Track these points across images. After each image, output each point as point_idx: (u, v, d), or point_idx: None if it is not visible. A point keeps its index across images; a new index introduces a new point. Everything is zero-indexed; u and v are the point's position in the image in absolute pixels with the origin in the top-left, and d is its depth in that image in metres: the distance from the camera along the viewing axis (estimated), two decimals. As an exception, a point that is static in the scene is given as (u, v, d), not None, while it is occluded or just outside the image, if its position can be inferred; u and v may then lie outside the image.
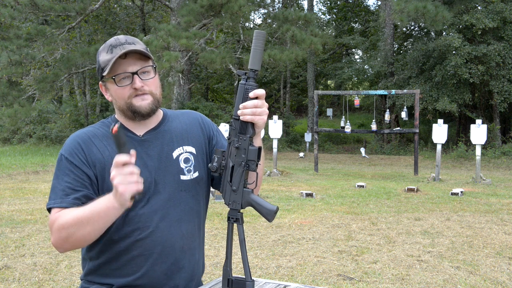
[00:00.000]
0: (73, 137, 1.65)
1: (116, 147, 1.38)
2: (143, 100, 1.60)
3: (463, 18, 17.66)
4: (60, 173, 1.59)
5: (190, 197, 1.69)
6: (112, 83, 1.59)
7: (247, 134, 1.49)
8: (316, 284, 3.85)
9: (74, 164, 1.58)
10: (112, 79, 1.57)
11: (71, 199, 1.55)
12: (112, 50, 1.56)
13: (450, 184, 10.54)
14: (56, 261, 4.40)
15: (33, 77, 15.89)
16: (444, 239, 5.34)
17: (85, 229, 1.49)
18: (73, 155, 1.59)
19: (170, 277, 1.64)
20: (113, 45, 1.57)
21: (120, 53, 1.53)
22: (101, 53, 1.60)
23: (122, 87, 1.58)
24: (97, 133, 1.65)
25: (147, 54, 1.58)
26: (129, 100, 1.59)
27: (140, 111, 1.60)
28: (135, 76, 1.57)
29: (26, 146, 22.23)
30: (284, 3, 28.13)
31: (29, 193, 8.59)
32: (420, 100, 17.70)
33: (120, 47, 1.56)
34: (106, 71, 1.56)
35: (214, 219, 6.31)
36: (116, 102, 1.63)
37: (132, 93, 1.58)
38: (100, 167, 1.59)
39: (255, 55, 1.48)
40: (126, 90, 1.58)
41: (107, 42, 1.60)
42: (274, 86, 31.40)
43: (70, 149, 1.61)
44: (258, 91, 1.49)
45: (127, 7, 25.60)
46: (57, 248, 1.56)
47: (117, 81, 1.57)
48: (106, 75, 1.58)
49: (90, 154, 1.60)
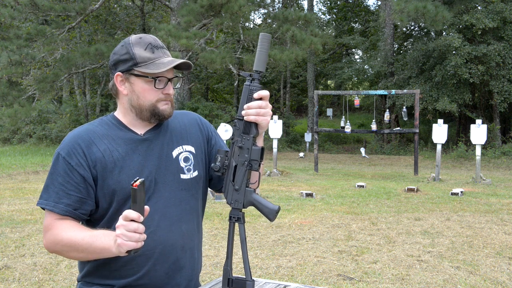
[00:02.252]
0: (73, 136, 1.62)
1: (132, 201, 1.37)
2: (167, 105, 1.64)
3: (463, 18, 17.66)
4: (55, 172, 1.58)
5: (190, 196, 1.70)
6: (143, 81, 1.59)
7: (250, 134, 1.50)
8: (316, 284, 3.85)
9: (71, 165, 1.57)
10: (152, 79, 1.58)
11: (64, 205, 1.56)
12: (153, 51, 1.58)
13: (450, 184, 10.54)
14: (56, 261, 4.40)
15: (33, 77, 15.89)
16: (444, 239, 5.34)
17: (78, 254, 1.55)
18: (71, 156, 1.58)
19: (171, 277, 1.64)
20: (153, 45, 1.59)
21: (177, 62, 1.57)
22: (135, 46, 1.58)
23: (155, 89, 1.60)
24: (97, 132, 1.64)
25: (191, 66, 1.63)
26: (156, 102, 1.61)
27: (163, 115, 1.63)
28: (170, 83, 1.62)
29: (26, 146, 22.23)
30: (284, 3, 28.13)
31: (29, 193, 8.59)
32: (420, 100, 17.71)
33: (162, 50, 1.60)
34: (149, 68, 1.56)
35: (214, 219, 6.31)
36: (136, 99, 1.62)
37: (161, 98, 1.61)
38: (100, 167, 1.58)
39: (260, 57, 1.51)
40: (158, 92, 1.60)
41: (143, 38, 1.60)
42: (274, 86, 31.41)
43: (68, 148, 1.59)
44: (263, 92, 1.51)
45: (127, 7, 25.59)
46: (47, 249, 1.62)
47: (156, 82, 1.59)
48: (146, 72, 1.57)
49: (91, 154, 1.58)
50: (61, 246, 1.55)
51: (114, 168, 1.58)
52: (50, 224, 1.57)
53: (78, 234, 1.52)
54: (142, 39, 1.60)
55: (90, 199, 1.59)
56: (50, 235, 1.57)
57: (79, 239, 1.51)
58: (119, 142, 1.63)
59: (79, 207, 1.57)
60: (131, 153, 1.62)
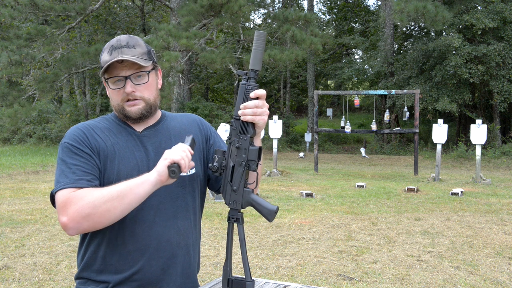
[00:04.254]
0: (75, 127, 1.65)
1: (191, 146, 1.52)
2: (134, 105, 1.62)
3: (463, 18, 17.65)
4: (67, 158, 1.55)
5: (187, 193, 1.70)
6: (107, 84, 1.63)
7: (247, 134, 1.49)
8: (316, 284, 3.85)
9: (81, 150, 1.57)
10: (106, 81, 1.62)
11: (85, 180, 1.51)
12: (111, 52, 1.59)
13: (450, 184, 10.54)
14: (56, 261, 4.40)
15: (33, 77, 15.88)
16: (444, 239, 5.34)
17: (114, 204, 1.45)
18: (79, 142, 1.58)
19: (166, 272, 1.64)
20: (114, 46, 1.60)
21: (116, 59, 1.56)
22: (103, 52, 1.63)
23: (115, 89, 1.61)
24: (99, 125, 1.68)
25: (138, 63, 1.58)
26: (122, 103, 1.63)
27: (130, 116, 1.64)
28: (127, 81, 1.60)
29: (26, 146, 22.23)
30: (284, 3, 28.12)
31: (29, 193, 8.59)
32: (420, 100, 17.71)
33: (119, 50, 1.58)
34: (101, 71, 1.61)
35: (214, 219, 6.31)
36: (111, 101, 1.67)
37: (125, 97, 1.62)
38: (103, 156, 1.60)
39: (256, 55, 1.49)
40: (120, 93, 1.62)
41: (110, 41, 1.63)
42: (274, 86, 31.40)
43: (74, 136, 1.60)
44: (259, 91, 1.49)
45: (127, 7, 25.60)
46: (70, 228, 1.46)
47: (111, 83, 1.61)
48: (101, 76, 1.63)
49: (94, 142, 1.61)
50: (92, 207, 1.44)
51: (114, 158, 1.61)
52: (69, 197, 1.47)
53: (106, 188, 1.48)
54: (110, 42, 1.63)
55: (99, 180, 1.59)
56: (74, 205, 1.45)
57: (110, 188, 1.47)
58: (119, 136, 1.66)
59: (97, 184, 1.55)
60: (131, 146, 1.65)
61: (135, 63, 1.59)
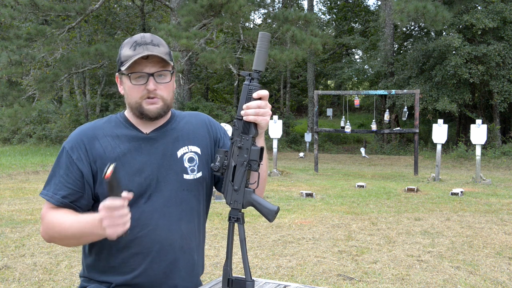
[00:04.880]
0: (79, 131, 1.68)
1: (108, 191, 1.37)
2: (153, 104, 1.61)
3: (463, 18, 17.66)
4: (59, 164, 1.65)
5: (192, 196, 1.69)
6: (127, 79, 1.60)
7: (249, 134, 1.50)
8: (316, 284, 3.85)
9: (72, 159, 1.62)
10: (127, 76, 1.59)
11: (60, 197, 1.60)
12: (135, 48, 1.57)
13: (450, 184, 10.54)
14: (56, 261, 4.40)
15: (33, 77, 15.87)
16: (444, 239, 5.34)
17: (68, 240, 1.59)
18: (74, 150, 1.63)
19: (168, 276, 1.64)
20: (138, 42, 1.58)
21: (142, 54, 1.55)
22: (124, 47, 1.61)
23: (136, 85, 1.59)
24: (102, 128, 1.68)
25: (167, 60, 1.59)
26: (140, 100, 1.61)
27: (147, 114, 1.62)
28: (151, 78, 1.58)
29: (26, 146, 22.23)
30: (284, 3, 28.13)
31: (29, 193, 8.59)
32: (420, 100, 17.70)
33: (144, 46, 1.57)
34: (125, 66, 1.57)
35: (214, 219, 6.31)
36: (127, 98, 1.65)
37: (144, 95, 1.60)
38: (100, 163, 1.61)
39: (259, 56, 1.50)
40: (140, 89, 1.60)
41: (133, 37, 1.61)
42: (274, 86, 31.41)
43: (73, 143, 1.65)
44: (262, 92, 1.50)
45: (127, 7, 25.59)
46: (44, 239, 1.64)
47: (133, 79, 1.59)
48: (124, 70, 1.59)
49: (92, 150, 1.62)
50: (52, 232, 1.59)
51: None
52: (45, 213, 1.62)
53: (67, 219, 1.56)
54: (132, 37, 1.62)
55: (86, 195, 1.62)
56: (45, 223, 1.61)
57: (67, 225, 1.55)
58: (123, 140, 1.65)
59: (75, 200, 1.61)
60: (133, 151, 1.64)
61: (160, 61, 1.58)
